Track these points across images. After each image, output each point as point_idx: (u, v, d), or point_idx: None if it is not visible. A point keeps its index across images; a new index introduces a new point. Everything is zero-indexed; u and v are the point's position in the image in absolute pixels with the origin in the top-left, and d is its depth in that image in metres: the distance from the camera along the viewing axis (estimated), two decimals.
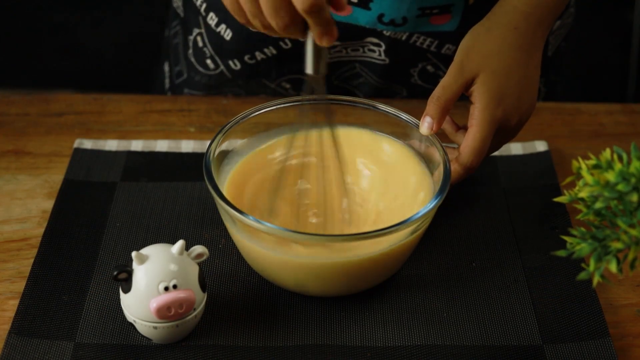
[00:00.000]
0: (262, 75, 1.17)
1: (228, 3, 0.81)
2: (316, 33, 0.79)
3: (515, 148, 1.07)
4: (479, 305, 0.89)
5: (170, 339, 0.83)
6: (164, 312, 0.80)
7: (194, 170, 1.01)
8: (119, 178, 1.02)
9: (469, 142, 0.90)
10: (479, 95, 0.90)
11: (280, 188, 0.94)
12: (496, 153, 1.05)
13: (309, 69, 0.83)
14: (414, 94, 1.17)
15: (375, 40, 1.10)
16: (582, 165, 0.72)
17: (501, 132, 0.93)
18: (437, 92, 0.90)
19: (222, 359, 0.83)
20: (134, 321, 0.82)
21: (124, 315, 0.83)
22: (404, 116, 0.95)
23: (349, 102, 0.96)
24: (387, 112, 0.95)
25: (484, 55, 0.91)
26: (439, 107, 0.90)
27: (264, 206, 0.92)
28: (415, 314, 0.88)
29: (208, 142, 0.98)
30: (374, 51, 1.12)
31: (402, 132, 0.95)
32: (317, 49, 0.82)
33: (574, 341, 0.85)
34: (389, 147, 0.96)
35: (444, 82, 0.91)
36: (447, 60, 1.09)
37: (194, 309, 0.82)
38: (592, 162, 0.72)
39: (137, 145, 1.07)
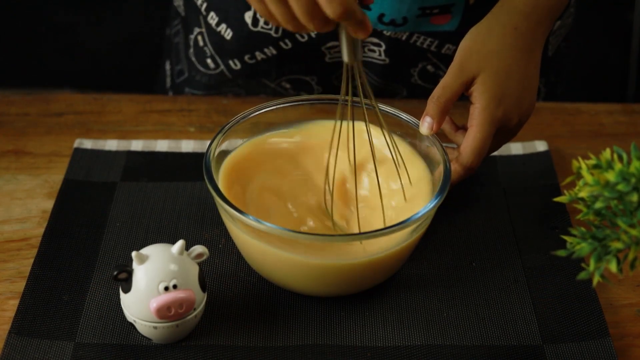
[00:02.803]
0: (262, 75, 1.17)
1: (258, 8, 0.81)
2: (351, 31, 0.81)
3: (515, 148, 1.07)
4: (479, 305, 0.89)
5: (170, 339, 0.83)
6: (164, 312, 0.80)
7: (194, 170, 1.01)
8: (119, 178, 1.02)
9: (469, 142, 0.90)
10: (479, 96, 0.90)
11: (280, 184, 0.94)
12: (496, 153, 1.05)
13: (346, 57, 0.84)
14: (414, 94, 1.17)
15: (375, 40, 1.10)
16: (582, 165, 0.72)
17: (501, 132, 0.93)
18: (437, 92, 0.90)
19: (222, 359, 0.83)
20: (134, 321, 0.82)
21: (124, 315, 0.83)
22: (404, 116, 0.94)
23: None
24: (387, 112, 0.95)
25: (483, 55, 0.91)
26: (439, 107, 0.90)
27: (261, 201, 0.92)
28: (415, 314, 0.88)
29: (208, 142, 0.98)
30: (374, 51, 1.12)
31: (401, 133, 0.95)
32: (351, 38, 0.83)
33: (574, 341, 0.85)
34: (392, 145, 0.96)
35: (444, 82, 0.91)
36: (447, 60, 1.09)
37: (194, 309, 0.82)
38: (592, 162, 0.72)
39: (137, 145, 1.07)
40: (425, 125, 0.91)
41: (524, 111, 0.93)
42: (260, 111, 0.95)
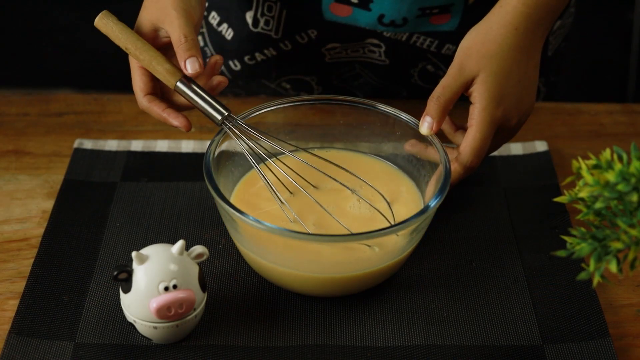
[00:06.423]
0: (262, 76, 1.17)
1: None
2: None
3: (515, 148, 1.07)
4: (479, 305, 0.89)
5: (170, 339, 0.83)
6: (164, 312, 0.80)
7: (194, 170, 1.01)
8: (119, 178, 1.02)
9: (468, 142, 0.90)
10: (478, 96, 0.90)
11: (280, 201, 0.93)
12: (496, 153, 1.05)
13: (217, 118, 0.89)
14: (414, 94, 1.17)
15: (375, 41, 1.10)
16: (582, 165, 0.72)
17: (501, 132, 0.93)
18: (437, 91, 0.90)
19: (222, 359, 0.83)
20: (134, 321, 0.82)
21: (124, 315, 0.83)
22: (404, 116, 0.95)
23: (348, 102, 0.96)
24: (387, 112, 0.95)
25: (483, 55, 0.91)
26: (439, 106, 0.90)
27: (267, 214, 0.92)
28: (415, 314, 0.88)
29: (208, 142, 0.98)
30: (374, 52, 1.12)
31: (401, 133, 0.96)
32: (201, 106, 0.90)
33: (574, 341, 0.85)
34: (371, 166, 0.96)
35: (444, 82, 0.91)
36: (447, 60, 1.09)
37: (194, 309, 0.82)
38: (592, 162, 0.72)
39: (137, 145, 1.07)
40: (425, 125, 0.91)
41: (524, 111, 0.93)
42: (261, 111, 0.95)
